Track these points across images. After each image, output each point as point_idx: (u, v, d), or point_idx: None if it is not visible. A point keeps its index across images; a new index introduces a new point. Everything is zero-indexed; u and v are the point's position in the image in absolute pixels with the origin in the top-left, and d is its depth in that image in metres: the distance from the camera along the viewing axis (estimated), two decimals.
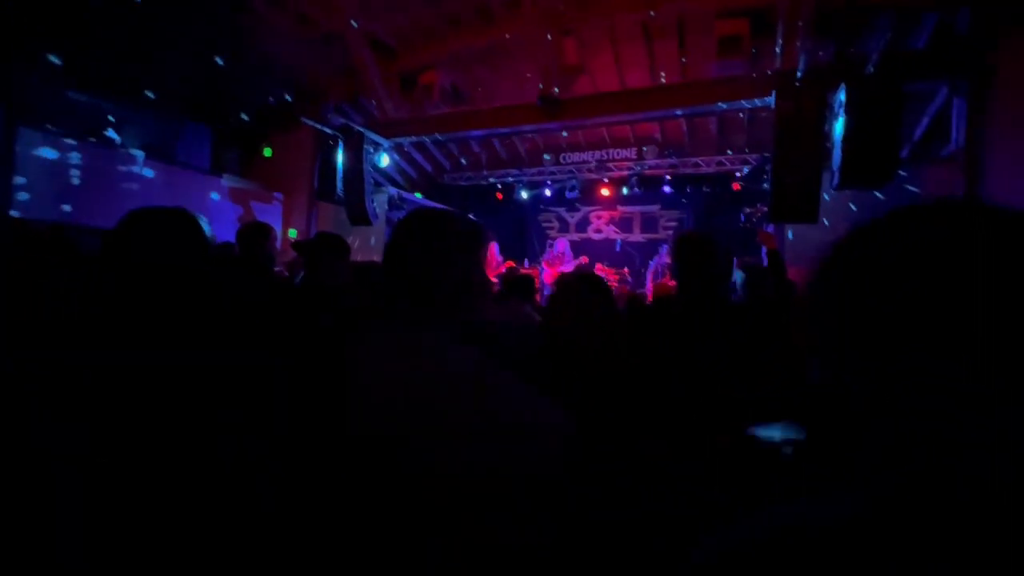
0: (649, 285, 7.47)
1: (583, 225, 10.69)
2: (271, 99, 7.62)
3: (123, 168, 6.28)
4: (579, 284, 1.46)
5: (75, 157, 5.77)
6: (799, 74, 4.80)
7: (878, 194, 4.77)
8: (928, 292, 0.36)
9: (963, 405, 0.35)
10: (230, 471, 0.89)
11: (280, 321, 2.10)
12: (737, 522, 0.43)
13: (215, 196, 7.39)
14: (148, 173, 6.50)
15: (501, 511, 0.82)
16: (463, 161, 10.09)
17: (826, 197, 4.88)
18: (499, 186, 10.12)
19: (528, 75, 6.42)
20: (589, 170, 9.22)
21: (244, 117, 7.54)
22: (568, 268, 8.26)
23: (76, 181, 5.76)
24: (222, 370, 0.95)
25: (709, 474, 1.21)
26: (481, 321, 1.03)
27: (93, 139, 6.03)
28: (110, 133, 6.35)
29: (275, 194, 8.14)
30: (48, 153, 5.53)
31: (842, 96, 4.54)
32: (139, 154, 6.42)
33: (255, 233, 2.65)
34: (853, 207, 5.30)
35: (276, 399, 1.02)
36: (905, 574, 0.34)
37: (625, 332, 1.66)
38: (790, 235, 5.75)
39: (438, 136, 7.44)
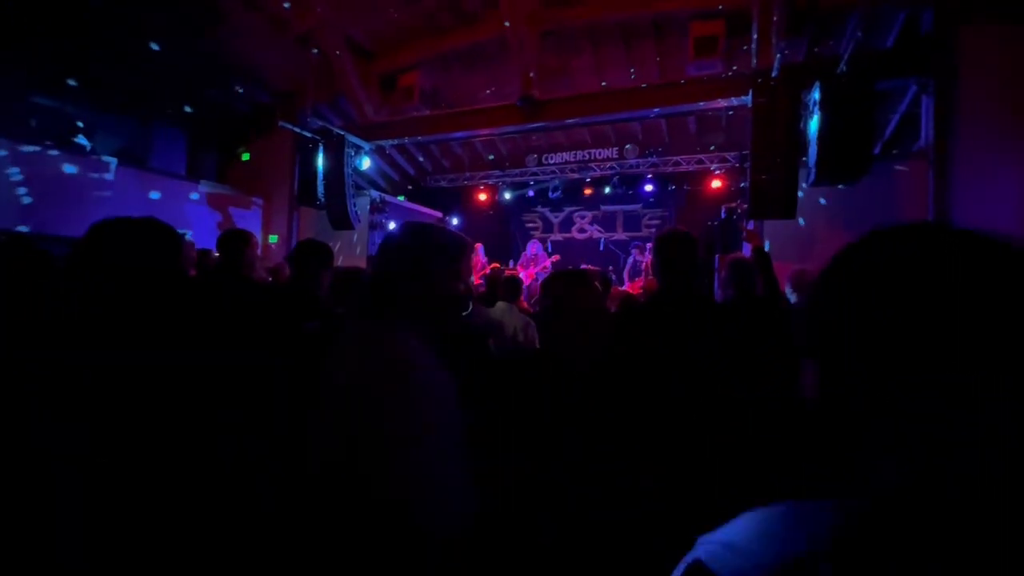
0: (627, 284, 7.53)
1: (567, 225, 10.74)
2: (247, 102, 7.49)
3: (94, 175, 6.10)
4: (569, 280, 1.48)
5: (41, 165, 5.58)
6: (774, 73, 4.90)
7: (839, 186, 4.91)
8: (920, 302, 0.38)
9: (953, 405, 0.36)
10: (230, 471, 0.90)
11: (268, 325, 2.09)
12: (731, 520, 0.43)
13: (192, 203, 7.23)
14: (121, 180, 6.32)
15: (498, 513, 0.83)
16: (445, 163, 10.05)
17: (800, 194, 4.99)
18: (482, 187, 10.11)
19: (508, 77, 6.43)
20: (571, 170, 9.27)
21: (218, 121, 7.39)
22: (544, 267, 8.33)
23: (42, 190, 5.56)
24: (222, 370, 0.95)
25: (709, 475, 1.22)
26: (456, 329, 1.05)
27: (61, 146, 5.84)
28: (80, 139, 6.17)
29: (254, 199, 7.99)
30: (11, 161, 5.34)
31: (816, 94, 4.65)
32: (111, 160, 6.24)
33: (235, 240, 2.62)
34: (823, 202, 5.44)
35: (276, 399, 1.02)
36: (896, 572, 0.35)
37: (616, 328, 1.67)
38: (768, 245, 5.83)
39: (419, 138, 7.40)
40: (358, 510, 0.82)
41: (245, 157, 8.06)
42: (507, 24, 5.85)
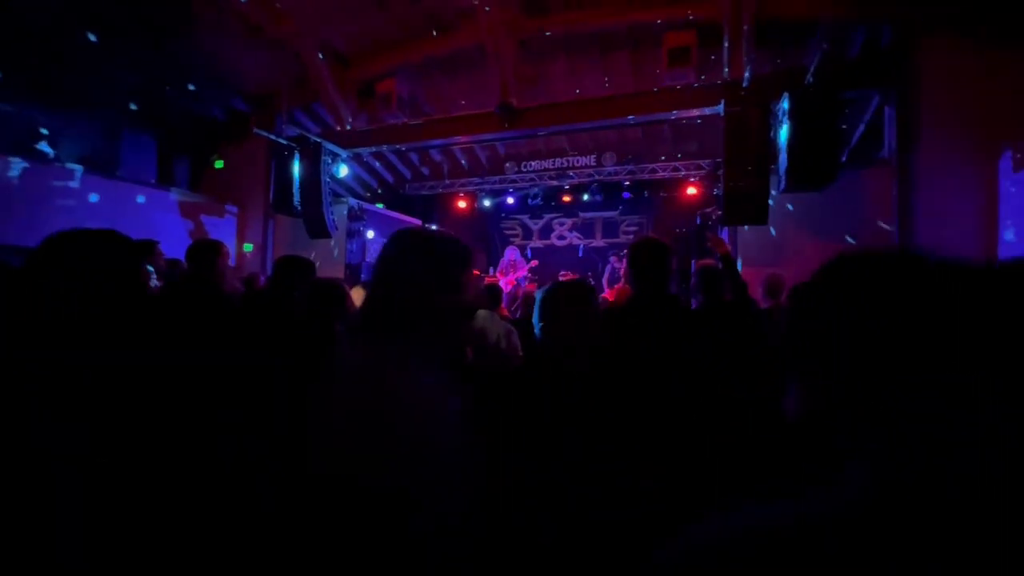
0: (607, 292, 7.61)
1: (546, 232, 10.81)
2: (221, 108, 7.35)
3: (58, 184, 5.88)
4: (575, 289, 1.51)
5: (2, 173, 5.36)
6: (745, 84, 5.04)
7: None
8: (918, 305, 0.39)
9: (953, 405, 0.37)
10: (230, 471, 0.89)
11: (237, 336, 2.07)
12: (714, 520, 0.43)
13: (163, 211, 7.03)
14: (87, 188, 6.11)
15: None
16: (424, 170, 10.02)
17: (770, 202, 5.13)
18: (461, 195, 10.11)
19: (486, 85, 6.46)
20: (550, 177, 9.34)
21: (191, 127, 7.23)
22: (522, 273, 8.38)
23: (3, 199, 5.34)
24: (222, 370, 0.94)
25: (708, 474, 1.24)
26: (462, 348, 1.03)
27: (21, 152, 5.61)
28: (43, 146, 5.95)
29: (228, 207, 7.83)
30: None
31: (785, 104, 4.80)
32: (76, 168, 6.03)
33: (205, 250, 2.56)
34: (790, 207, 5.60)
35: (276, 399, 1.01)
36: (896, 573, 0.35)
37: (612, 335, 1.70)
38: (740, 265, 5.93)
39: (397, 146, 7.37)
40: (361, 520, 0.80)
41: (219, 164, 7.90)
42: (484, 33, 5.89)
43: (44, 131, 5.96)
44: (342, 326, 2.21)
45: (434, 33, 6.38)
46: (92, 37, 5.26)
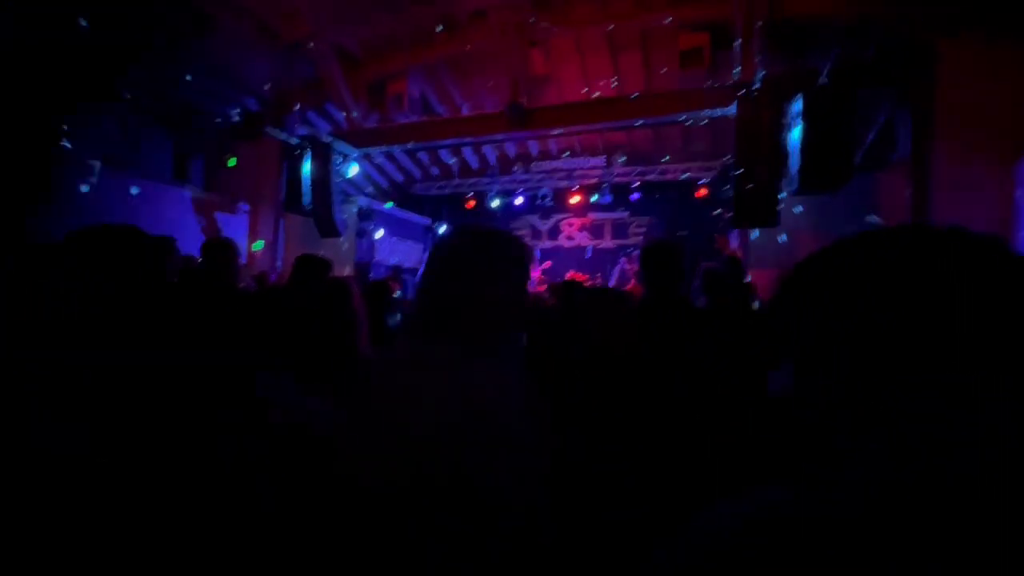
0: None
1: (555, 232, 10.79)
2: (235, 108, 7.44)
3: (76, 179, 5.99)
4: (607, 292, 1.53)
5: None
6: (757, 85, 5.00)
7: None
8: (913, 307, 0.38)
9: (953, 405, 0.37)
10: (230, 471, 0.89)
11: (249, 332, 2.10)
12: (714, 519, 0.43)
13: (178, 207, 7.13)
14: (104, 184, 6.22)
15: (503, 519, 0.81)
16: (434, 170, 10.06)
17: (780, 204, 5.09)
18: (470, 195, 10.13)
19: (496, 84, 6.48)
20: (560, 178, 9.33)
21: (205, 126, 7.33)
22: (535, 274, 8.38)
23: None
24: (223, 370, 0.94)
25: (710, 474, 1.24)
26: (520, 347, 1.01)
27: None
28: (62, 142, 6.06)
29: (240, 205, 7.92)
30: None
31: (798, 106, 4.75)
32: (94, 163, 6.14)
33: (220, 248, 2.61)
34: (799, 209, 5.54)
35: (277, 398, 1.01)
36: (895, 573, 0.35)
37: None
38: (749, 267, 5.87)
39: (407, 145, 7.40)
40: (408, 523, 0.77)
41: (232, 163, 7.99)
42: (495, 33, 5.91)
43: (64, 127, 6.07)
44: (394, 323, 2.20)
45: (443, 31, 6.41)
46: (110, 38, 5.35)
